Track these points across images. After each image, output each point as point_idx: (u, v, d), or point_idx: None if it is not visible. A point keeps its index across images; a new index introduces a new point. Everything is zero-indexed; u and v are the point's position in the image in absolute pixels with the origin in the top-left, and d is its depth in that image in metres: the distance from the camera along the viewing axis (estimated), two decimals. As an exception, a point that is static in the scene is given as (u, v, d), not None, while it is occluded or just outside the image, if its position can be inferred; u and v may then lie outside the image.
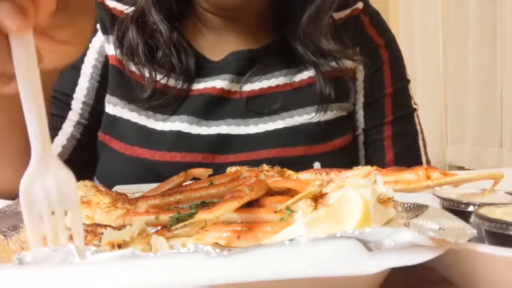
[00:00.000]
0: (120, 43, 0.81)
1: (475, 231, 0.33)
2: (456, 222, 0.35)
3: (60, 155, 0.82)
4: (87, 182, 0.53)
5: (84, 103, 0.83)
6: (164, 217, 0.43)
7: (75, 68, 0.84)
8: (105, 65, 0.84)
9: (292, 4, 0.83)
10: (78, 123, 0.84)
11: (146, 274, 0.28)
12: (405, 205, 0.42)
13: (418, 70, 2.52)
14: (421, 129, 0.90)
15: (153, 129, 0.79)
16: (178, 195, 0.48)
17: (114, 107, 0.83)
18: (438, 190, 0.52)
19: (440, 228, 0.35)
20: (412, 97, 0.91)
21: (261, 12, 0.85)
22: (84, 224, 0.45)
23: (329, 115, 0.82)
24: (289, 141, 0.79)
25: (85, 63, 0.83)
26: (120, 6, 0.85)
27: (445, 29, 2.39)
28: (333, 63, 0.83)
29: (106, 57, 0.84)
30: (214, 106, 0.81)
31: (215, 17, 0.85)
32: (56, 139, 0.83)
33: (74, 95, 0.83)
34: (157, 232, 0.40)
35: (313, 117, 0.81)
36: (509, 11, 1.91)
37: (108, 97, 0.83)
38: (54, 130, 0.83)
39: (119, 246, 0.36)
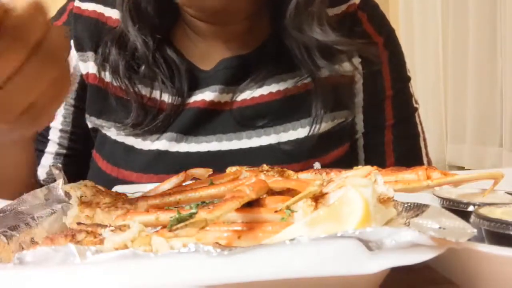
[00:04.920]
0: (103, 64, 0.77)
1: (475, 230, 0.33)
2: (457, 222, 0.35)
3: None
4: (87, 182, 0.53)
5: (61, 130, 0.80)
6: (164, 217, 0.43)
7: None
8: (81, 86, 0.79)
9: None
10: (57, 154, 0.81)
11: (146, 274, 0.28)
12: (405, 205, 0.42)
13: (418, 70, 2.52)
14: (422, 129, 0.88)
15: (138, 149, 0.75)
16: (178, 195, 0.48)
17: (97, 125, 0.79)
18: (438, 190, 0.52)
19: (440, 228, 0.35)
20: (413, 96, 0.87)
21: (250, 15, 0.80)
22: (84, 224, 0.45)
23: (325, 126, 0.78)
24: (284, 157, 0.75)
25: None
26: (101, 9, 0.80)
27: (445, 28, 2.39)
28: (330, 67, 0.78)
29: (82, 77, 0.79)
30: (203, 121, 0.76)
31: (203, 24, 0.80)
32: (38, 173, 0.81)
33: (51, 124, 0.80)
34: (157, 232, 0.40)
35: (308, 130, 0.77)
36: (509, 11, 1.91)
37: (88, 116, 0.79)
38: (35, 165, 0.81)
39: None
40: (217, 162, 0.73)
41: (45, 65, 0.40)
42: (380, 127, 0.84)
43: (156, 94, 0.76)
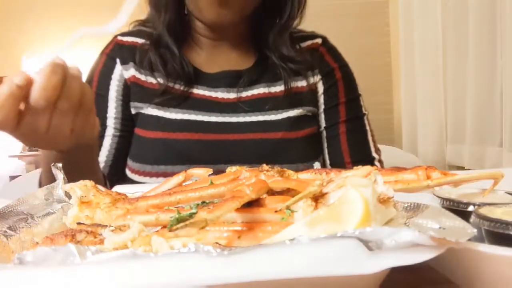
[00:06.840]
0: (142, 63, 1.13)
1: (475, 230, 0.33)
2: (456, 222, 0.35)
3: (105, 164, 1.11)
4: (87, 182, 0.53)
5: (115, 118, 1.14)
6: (164, 217, 0.43)
7: (104, 97, 1.14)
8: (124, 86, 1.15)
9: (265, 25, 1.16)
10: (114, 135, 1.13)
11: (146, 274, 0.28)
12: (405, 205, 0.42)
13: (418, 70, 2.52)
14: (370, 129, 1.20)
15: (167, 118, 1.10)
16: (178, 195, 0.48)
17: (139, 109, 1.13)
18: (438, 190, 0.52)
19: (440, 227, 0.35)
20: (362, 106, 1.21)
21: (242, 33, 1.17)
22: (84, 224, 0.45)
23: (296, 112, 1.13)
24: (269, 128, 1.10)
25: (110, 91, 1.14)
26: (135, 39, 1.18)
27: (445, 29, 2.39)
28: (299, 71, 1.15)
29: (125, 80, 1.16)
30: (211, 106, 1.12)
31: (206, 39, 1.17)
32: (100, 154, 1.12)
33: (108, 115, 1.13)
34: (157, 232, 0.40)
35: (283, 114, 1.12)
36: (509, 11, 1.91)
37: (132, 103, 1.14)
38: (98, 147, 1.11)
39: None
40: (220, 128, 1.09)
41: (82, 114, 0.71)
42: (336, 122, 1.17)
43: (174, 82, 1.13)
